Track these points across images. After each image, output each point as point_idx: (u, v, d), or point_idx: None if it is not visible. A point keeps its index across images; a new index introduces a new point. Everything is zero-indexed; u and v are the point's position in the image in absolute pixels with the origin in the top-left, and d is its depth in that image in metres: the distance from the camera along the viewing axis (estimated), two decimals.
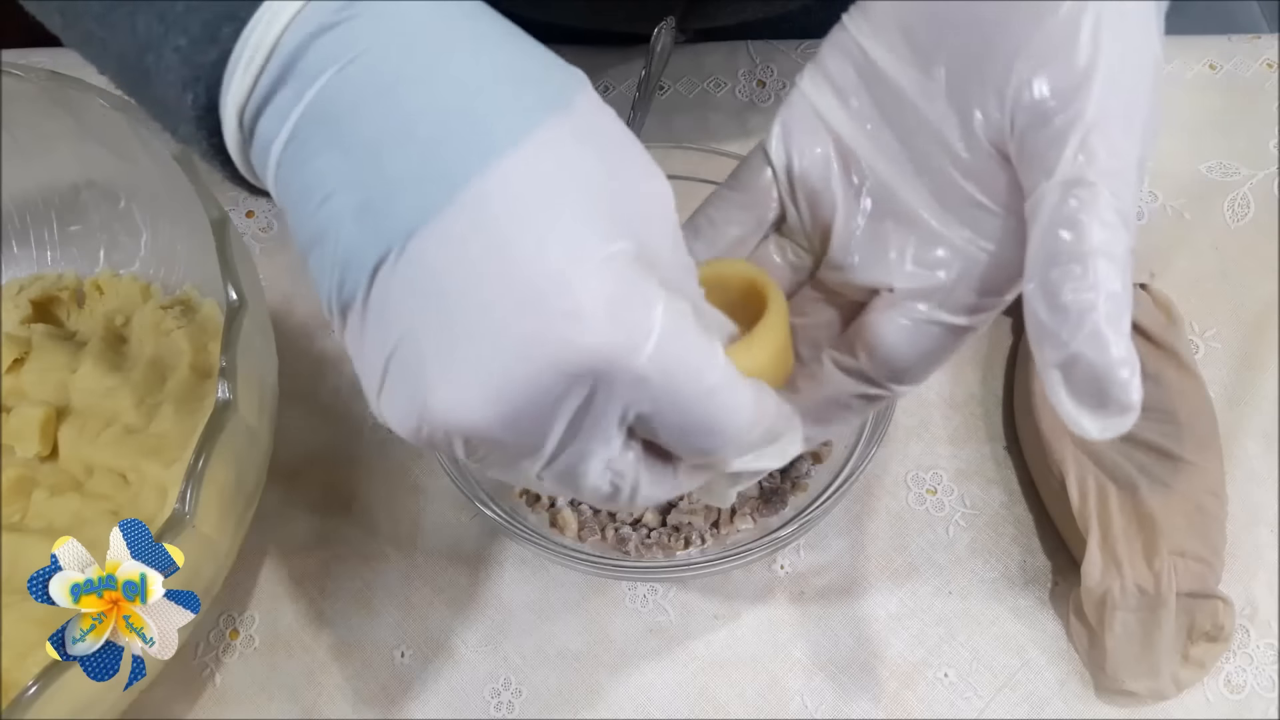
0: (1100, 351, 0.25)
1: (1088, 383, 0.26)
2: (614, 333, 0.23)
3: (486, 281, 0.23)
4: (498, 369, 0.24)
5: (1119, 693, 0.45)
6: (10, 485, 0.47)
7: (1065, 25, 0.27)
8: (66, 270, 0.55)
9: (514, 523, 0.44)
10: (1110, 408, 0.25)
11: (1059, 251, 0.26)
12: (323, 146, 0.25)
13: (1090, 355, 0.25)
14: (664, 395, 0.25)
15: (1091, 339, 0.25)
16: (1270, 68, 0.61)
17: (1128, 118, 0.27)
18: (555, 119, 0.25)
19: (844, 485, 0.44)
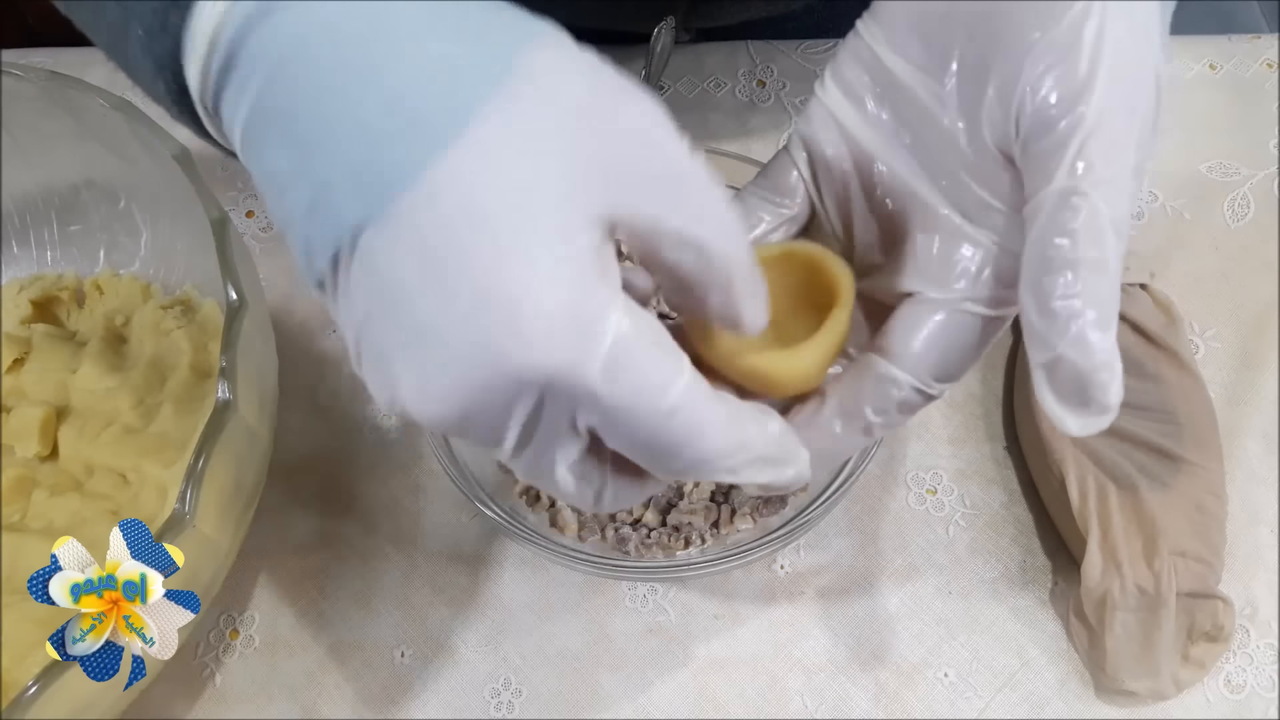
0: (1084, 356, 0.26)
1: (1071, 383, 0.27)
2: (560, 347, 0.23)
3: (434, 286, 0.23)
4: (448, 373, 0.24)
5: (1119, 693, 0.45)
6: (10, 485, 0.47)
7: (1068, 32, 0.27)
8: (66, 270, 0.55)
9: (514, 523, 0.44)
10: (1090, 408, 0.27)
11: (1051, 258, 0.27)
12: (273, 140, 0.25)
13: (1074, 358, 0.26)
14: (616, 412, 0.24)
15: (1076, 343, 0.26)
16: (1270, 68, 0.61)
17: (1127, 125, 0.27)
18: (504, 91, 0.24)
19: (844, 485, 0.44)
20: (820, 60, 0.62)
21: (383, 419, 0.53)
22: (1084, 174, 0.27)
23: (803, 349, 0.32)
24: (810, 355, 0.32)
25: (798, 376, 0.32)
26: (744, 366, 0.32)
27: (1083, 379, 0.26)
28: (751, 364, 0.31)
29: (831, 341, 0.32)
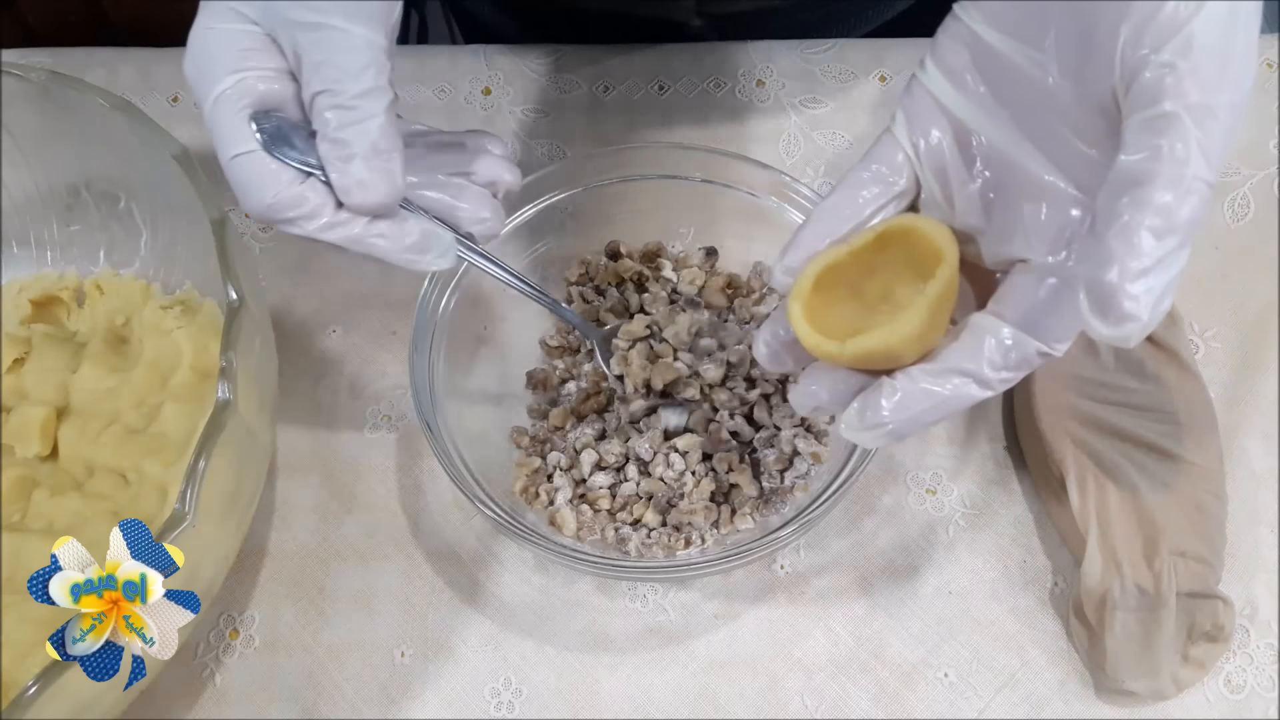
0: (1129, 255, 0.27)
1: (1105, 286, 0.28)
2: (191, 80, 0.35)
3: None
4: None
5: (1119, 693, 0.45)
6: (10, 485, 0.47)
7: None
8: (66, 270, 0.55)
9: (514, 523, 0.44)
10: (1111, 314, 0.28)
11: (1130, 168, 0.28)
12: None
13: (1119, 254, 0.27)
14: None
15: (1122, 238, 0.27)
16: (1270, 68, 0.61)
17: (1221, 62, 0.28)
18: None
19: (844, 485, 0.44)
20: (820, 60, 0.62)
21: (383, 419, 0.53)
22: (1176, 98, 0.28)
23: (905, 315, 0.32)
24: (913, 319, 0.32)
25: (908, 341, 0.32)
26: (856, 352, 0.33)
27: (1115, 281, 0.27)
28: (859, 347, 0.33)
29: (936, 301, 0.32)
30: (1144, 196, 0.27)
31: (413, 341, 0.47)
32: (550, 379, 0.52)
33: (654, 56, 0.63)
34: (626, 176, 0.52)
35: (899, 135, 0.35)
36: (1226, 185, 0.57)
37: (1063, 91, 0.31)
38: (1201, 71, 0.28)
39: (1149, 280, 0.27)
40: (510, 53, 0.64)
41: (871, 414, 0.32)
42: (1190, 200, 0.28)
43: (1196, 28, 0.28)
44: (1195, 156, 0.27)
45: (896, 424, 0.32)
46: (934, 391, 0.32)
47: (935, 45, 0.34)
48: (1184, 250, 0.28)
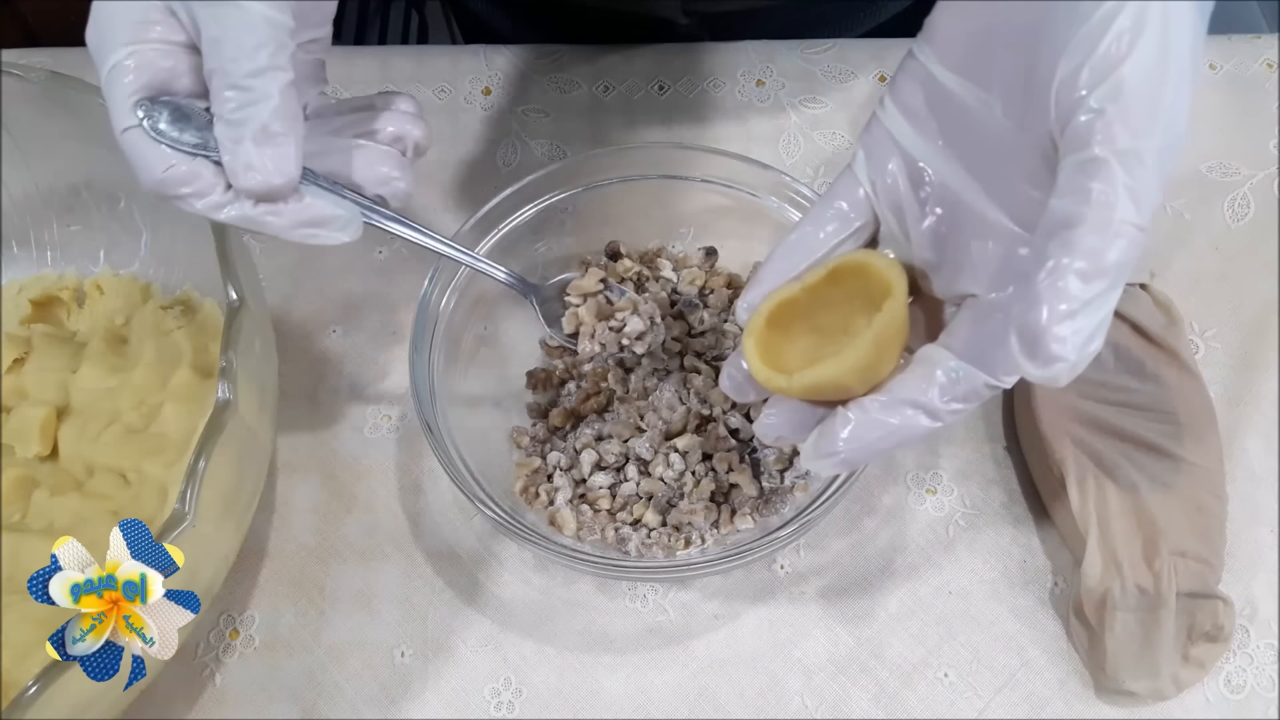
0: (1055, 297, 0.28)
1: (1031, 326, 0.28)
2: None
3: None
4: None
5: (1119, 693, 0.45)
6: (10, 485, 0.47)
7: (1100, 23, 0.29)
8: (66, 270, 0.55)
9: (514, 523, 0.44)
10: (1038, 357, 0.28)
11: (1059, 212, 0.28)
12: None
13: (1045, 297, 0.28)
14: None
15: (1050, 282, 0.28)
16: (1270, 68, 0.61)
17: (1151, 105, 0.28)
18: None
19: (844, 485, 0.44)
20: (819, 60, 0.62)
21: (383, 418, 0.53)
22: (1105, 143, 0.28)
23: (849, 349, 0.33)
24: (857, 352, 0.33)
25: (854, 374, 0.33)
26: (804, 384, 0.34)
27: (1043, 324, 0.28)
28: (806, 379, 0.34)
29: (881, 334, 0.33)
30: (1072, 240, 0.28)
31: (413, 341, 0.47)
32: (550, 379, 0.52)
33: (654, 56, 0.63)
34: (626, 176, 0.52)
35: (859, 172, 0.36)
36: (1226, 185, 0.57)
37: (1007, 132, 0.32)
38: (1130, 116, 0.28)
39: (1076, 322, 0.28)
40: (510, 53, 0.64)
41: (826, 444, 0.33)
42: (1118, 244, 0.28)
43: (1126, 72, 0.28)
44: (1123, 201, 0.28)
45: (848, 453, 0.33)
46: (885, 422, 0.33)
47: (893, 83, 0.35)
48: (1114, 292, 0.28)
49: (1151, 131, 0.28)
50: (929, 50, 0.34)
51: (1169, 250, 0.55)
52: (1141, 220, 0.28)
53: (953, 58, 0.33)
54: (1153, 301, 0.51)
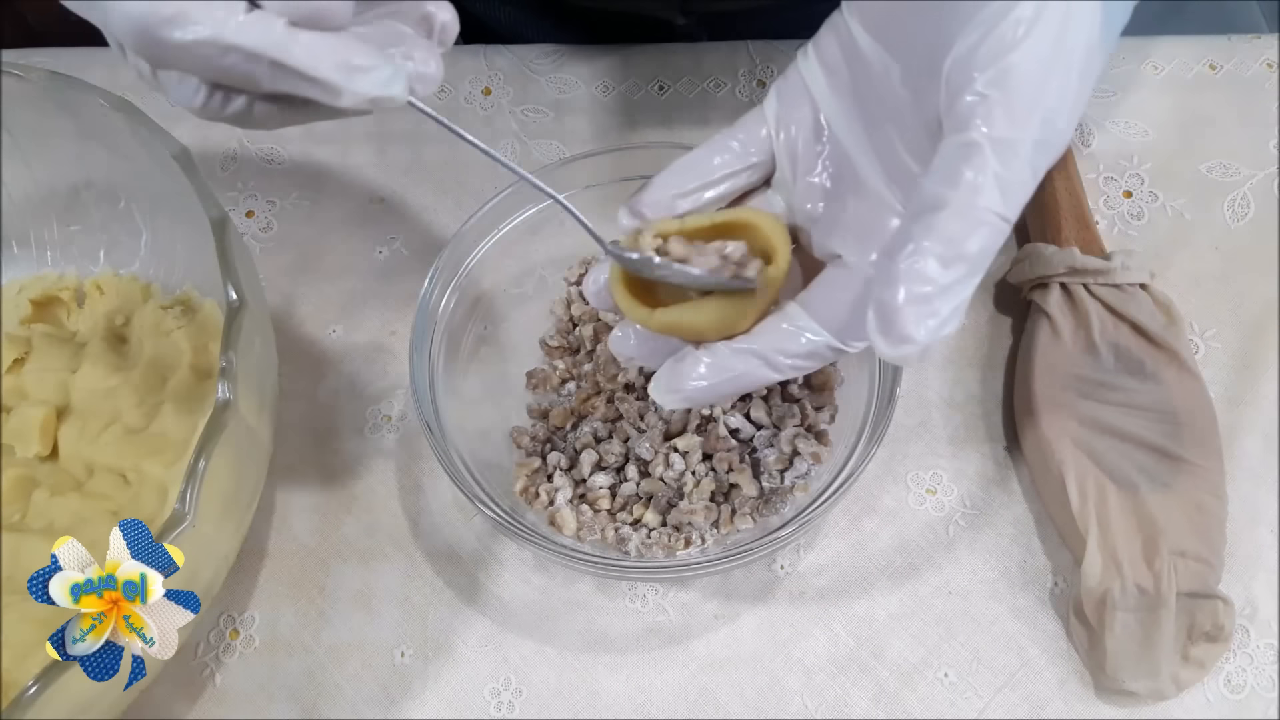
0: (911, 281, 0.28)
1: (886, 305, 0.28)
2: None
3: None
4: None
5: (1119, 693, 0.45)
6: (10, 485, 0.47)
7: (999, 11, 0.29)
8: (66, 270, 0.55)
9: (514, 523, 0.44)
10: (892, 335, 0.28)
11: (926, 193, 0.29)
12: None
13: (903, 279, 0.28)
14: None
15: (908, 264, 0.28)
16: (1270, 68, 0.61)
17: (1034, 96, 0.28)
18: None
19: (844, 485, 0.44)
20: None
21: (383, 419, 0.53)
22: (983, 127, 0.28)
23: (712, 302, 0.34)
24: (717, 308, 0.34)
25: (711, 324, 0.34)
26: (662, 322, 0.35)
27: (898, 304, 0.28)
28: (665, 319, 0.35)
29: (747, 296, 0.34)
30: (935, 223, 0.28)
31: (413, 341, 0.47)
32: (550, 379, 0.52)
33: (654, 56, 0.63)
34: (626, 176, 0.52)
35: (767, 112, 0.37)
36: (1226, 185, 0.57)
37: (902, 101, 0.32)
38: (1012, 105, 0.28)
39: (930, 305, 0.28)
40: (510, 53, 0.64)
41: (675, 380, 0.35)
42: (980, 232, 0.28)
43: (1016, 60, 0.28)
44: (989, 189, 0.28)
45: (693, 392, 0.35)
46: (730, 368, 0.34)
47: (818, 35, 0.36)
48: (972, 279, 0.28)
49: (1029, 123, 0.28)
50: (853, 7, 0.34)
51: (1169, 250, 0.55)
52: (1006, 211, 0.28)
53: (870, 18, 0.34)
54: (1153, 301, 0.51)
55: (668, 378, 0.35)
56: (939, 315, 0.28)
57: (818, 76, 0.35)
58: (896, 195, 0.33)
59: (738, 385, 0.35)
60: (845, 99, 0.34)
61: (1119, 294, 0.50)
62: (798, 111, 0.36)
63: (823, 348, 0.33)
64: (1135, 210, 0.57)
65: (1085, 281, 0.51)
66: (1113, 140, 0.59)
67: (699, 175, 0.37)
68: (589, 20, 0.64)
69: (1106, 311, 0.50)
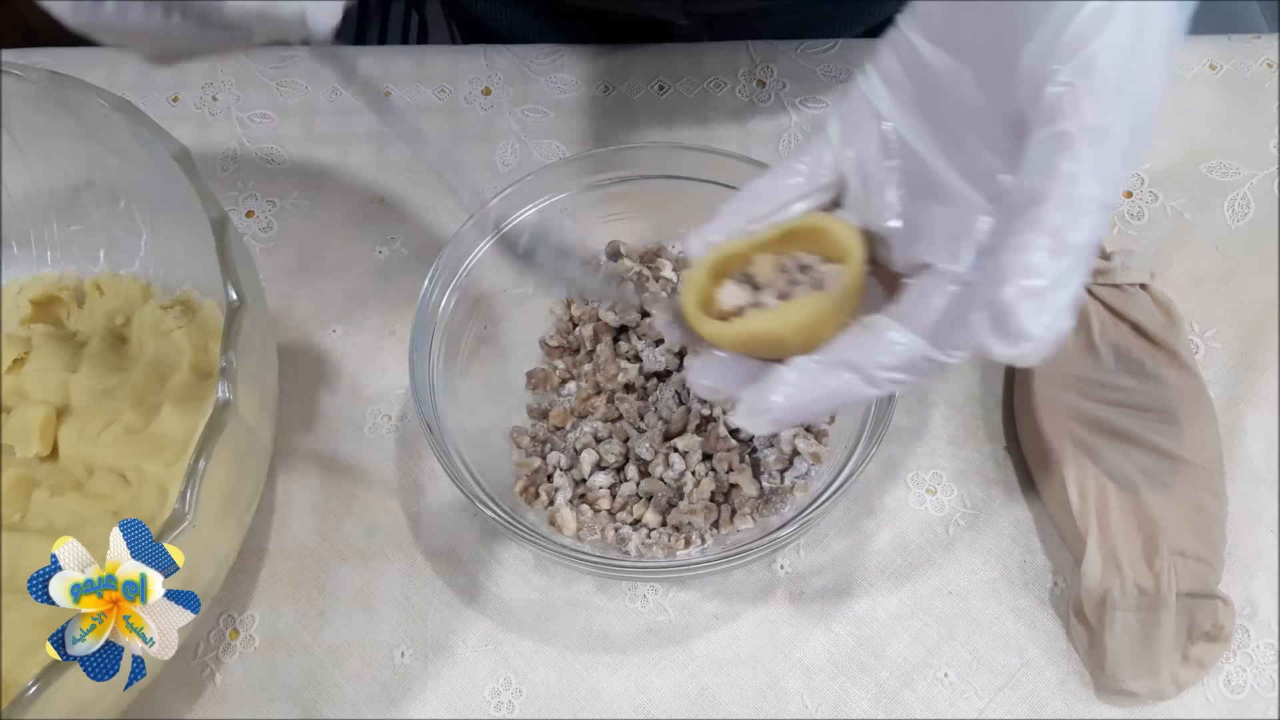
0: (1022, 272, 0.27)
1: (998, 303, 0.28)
2: None
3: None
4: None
5: (1119, 693, 0.45)
6: (10, 485, 0.47)
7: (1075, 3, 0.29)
8: (66, 270, 0.55)
9: (514, 523, 0.44)
10: (1009, 334, 0.28)
11: (1024, 188, 0.28)
12: None
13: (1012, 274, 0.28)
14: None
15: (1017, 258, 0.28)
16: (1270, 68, 0.61)
17: (1120, 84, 0.28)
18: None
19: (844, 485, 0.44)
20: (820, 60, 0.62)
21: (383, 418, 0.53)
22: (1072, 118, 0.28)
23: (795, 304, 0.33)
24: (803, 309, 0.33)
25: (795, 330, 0.33)
26: (741, 333, 0.34)
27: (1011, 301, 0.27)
28: (745, 328, 0.34)
29: (830, 296, 0.33)
30: (1037, 216, 0.28)
31: (413, 341, 0.47)
32: (550, 379, 0.52)
33: (654, 56, 0.63)
34: (626, 176, 0.52)
35: (831, 133, 0.36)
36: (1226, 185, 0.57)
37: (977, 103, 0.32)
38: (1099, 92, 0.28)
39: (1044, 299, 0.27)
40: (510, 53, 0.64)
41: (760, 401, 0.33)
42: (1083, 221, 0.28)
43: (1097, 49, 0.28)
44: (1087, 177, 0.28)
45: (781, 412, 0.33)
46: (822, 383, 0.32)
47: (876, 50, 0.36)
48: (1080, 270, 0.28)
49: (1118, 108, 0.28)
50: (912, 20, 0.34)
51: (1169, 250, 0.55)
52: (1107, 196, 0.28)
53: (930, 27, 0.34)
54: (1153, 301, 0.51)
55: (752, 399, 0.33)
56: (1053, 309, 0.27)
57: (881, 93, 0.35)
58: (982, 195, 0.32)
59: (830, 403, 0.33)
60: (913, 110, 0.34)
61: (1119, 294, 0.50)
62: (863, 129, 0.35)
63: (919, 358, 0.32)
64: (1135, 210, 0.57)
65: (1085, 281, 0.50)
66: None
67: (769, 201, 0.36)
68: (590, 21, 0.64)
69: (1106, 311, 0.50)
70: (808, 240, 0.35)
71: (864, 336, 0.32)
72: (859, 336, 0.33)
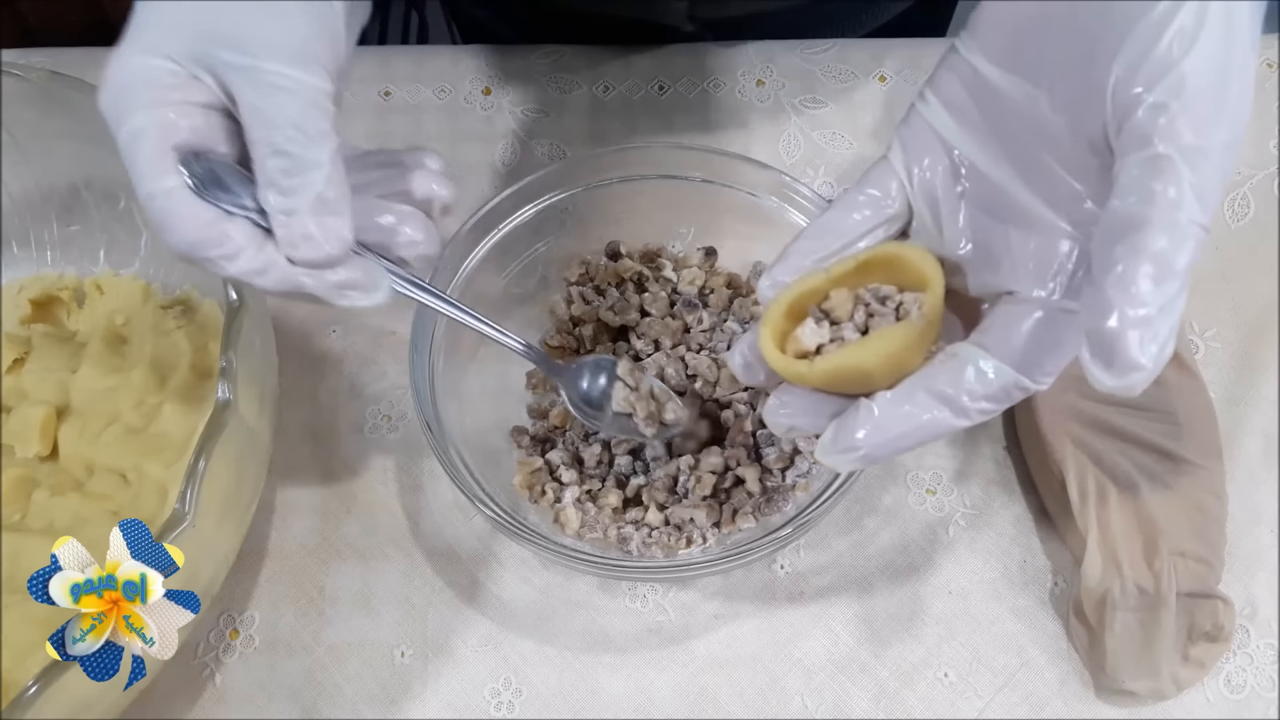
0: (1127, 302, 0.27)
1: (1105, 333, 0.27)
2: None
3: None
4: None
5: (1119, 693, 0.45)
6: (10, 485, 0.47)
7: (1161, 19, 0.28)
8: (66, 270, 0.55)
9: (514, 523, 0.44)
10: (1116, 364, 0.27)
11: (1124, 212, 0.28)
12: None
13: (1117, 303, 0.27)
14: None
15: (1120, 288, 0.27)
16: (1270, 68, 0.61)
17: (1215, 101, 0.28)
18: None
19: (844, 485, 0.44)
20: (820, 60, 0.62)
21: (383, 419, 0.53)
22: (1168, 140, 0.27)
23: (878, 335, 0.32)
24: (887, 340, 0.32)
25: (880, 362, 0.32)
26: (825, 369, 0.33)
27: (1117, 330, 0.27)
28: (829, 364, 0.32)
29: (914, 325, 0.32)
30: (1140, 242, 0.27)
31: (413, 341, 0.47)
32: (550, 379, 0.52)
33: (654, 57, 0.63)
34: (626, 176, 0.52)
35: (894, 162, 0.36)
36: (1227, 185, 0.57)
37: (1055, 126, 0.31)
38: (1194, 112, 0.27)
39: (1151, 328, 0.27)
40: (510, 53, 0.64)
41: (845, 437, 0.32)
42: (1187, 245, 0.27)
43: (1189, 67, 0.27)
44: (1189, 200, 0.27)
45: (870, 448, 0.32)
46: (911, 416, 0.32)
47: (934, 77, 0.35)
48: (1183, 295, 0.28)
49: (1217, 127, 0.28)
50: (973, 44, 0.34)
51: None
52: (1206, 219, 0.27)
53: (997, 51, 0.33)
54: None
55: (837, 436, 0.32)
56: (1160, 337, 0.27)
57: (944, 118, 0.35)
58: (1064, 219, 0.32)
59: (919, 436, 0.32)
60: (981, 135, 0.34)
61: None
62: (928, 156, 0.35)
63: (1011, 386, 0.31)
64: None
65: None
66: None
67: (837, 236, 0.36)
68: (592, 26, 0.64)
69: None
70: (883, 271, 0.34)
71: (950, 365, 0.32)
72: (945, 366, 0.32)
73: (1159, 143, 0.27)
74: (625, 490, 0.49)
